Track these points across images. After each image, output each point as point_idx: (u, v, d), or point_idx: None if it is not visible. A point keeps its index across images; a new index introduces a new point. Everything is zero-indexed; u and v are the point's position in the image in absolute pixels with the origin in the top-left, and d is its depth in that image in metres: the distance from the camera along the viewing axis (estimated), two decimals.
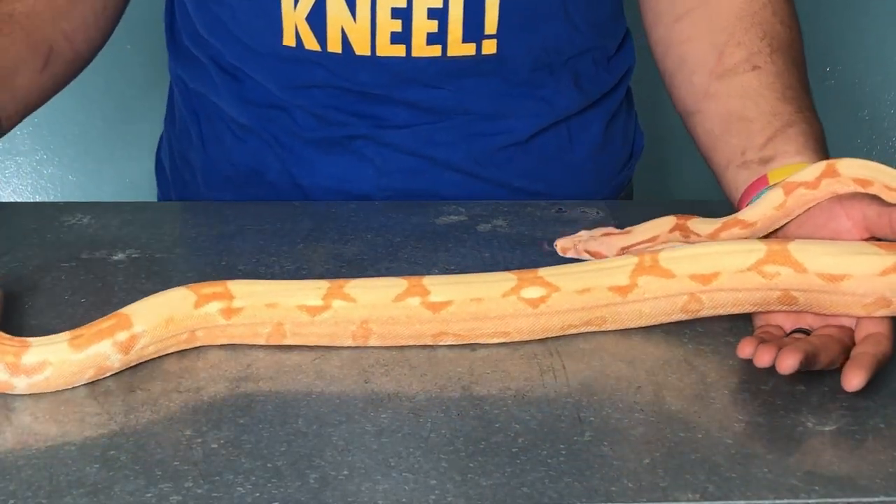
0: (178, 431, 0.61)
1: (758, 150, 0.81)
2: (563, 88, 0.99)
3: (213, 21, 0.98)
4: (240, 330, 0.70)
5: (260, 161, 1.00)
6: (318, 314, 0.69)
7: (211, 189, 1.04)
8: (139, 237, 0.87)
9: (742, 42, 0.87)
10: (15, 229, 0.88)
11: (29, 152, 1.73)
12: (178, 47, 1.04)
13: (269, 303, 0.70)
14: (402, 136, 0.97)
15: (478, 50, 0.94)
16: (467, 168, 0.99)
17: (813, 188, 0.75)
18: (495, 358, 0.69)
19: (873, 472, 0.59)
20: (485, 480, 0.57)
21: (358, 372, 0.68)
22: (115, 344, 0.66)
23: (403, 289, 0.70)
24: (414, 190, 0.99)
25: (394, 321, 0.70)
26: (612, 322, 0.72)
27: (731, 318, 0.74)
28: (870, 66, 1.77)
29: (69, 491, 0.56)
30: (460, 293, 0.70)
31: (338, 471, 0.58)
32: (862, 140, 1.78)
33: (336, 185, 0.99)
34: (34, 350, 0.65)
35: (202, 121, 1.03)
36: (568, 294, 0.70)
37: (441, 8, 0.91)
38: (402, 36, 0.92)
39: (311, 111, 0.97)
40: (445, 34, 0.92)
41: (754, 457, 0.60)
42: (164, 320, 0.68)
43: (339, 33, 0.92)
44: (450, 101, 0.96)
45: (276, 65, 0.96)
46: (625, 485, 0.57)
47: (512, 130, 0.99)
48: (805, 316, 0.72)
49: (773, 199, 0.76)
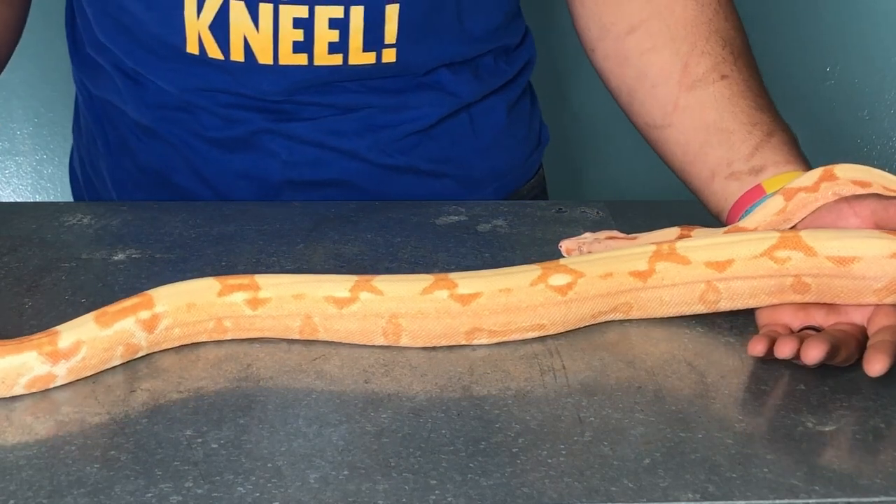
0: (178, 431, 0.61)
1: (745, 161, 0.81)
2: (463, 81, 1.00)
3: (115, 28, 0.97)
4: (269, 322, 0.70)
5: (167, 163, 1.00)
6: (345, 306, 0.70)
7: (121, 194, 1.04)
8: (139, 237, 0.87)
9: (705, 51, 0.86)
10: (15, 229, 0.88)
11: (29, 152, 1.73)
12: (81, 54, 1.04)
13: (296, 294, 0.70)
14: (305, 128, 0.97)
15: (378, 59, 0.94)
16: (373, 157, 0.99)
17: (813, 191, 0.75)
18: (495, 358, 0.69)
19: (873, 472, 0.59)
20: (485, 480, 0.57)
21: (358, 372, 0.68)
22: (139, 321, 0.68)
23: (430, 282, 0.70)
24: (322, 181, 0.99)
25: (423, 315, 0.69)
26: (637, 309, 0.73)
27: (731, 318, 0.74)
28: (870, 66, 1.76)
29: (69, 491, 0.56)
30: (488, 285, 0.70)
31: (338, 471, 0.58)
32: (862, 140, 1.77)
33: (244, 182, 0.99)
34: (65, 334, 0.66)
35: (107, 127, 1.03)
36: (592, 279, 0.71)
37: (342, 18, 0.92)
38: (304, 45, 0.92)
39: (212, 112, 0.97)
40: (346, 44, 0.93)
41: (754, 457, 0.60)
42: (186, 304, 0.69)
43: (242, 42, 0.92)
44: (352, 99, 0.97)
45: (178, 70, 0.96)
46: (625, 485, 0.57)
47: (415, 119, 1.00)
48: (813, 314, 0.72)
49: (773, 206, 0.77)
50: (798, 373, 0.68)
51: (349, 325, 0.70)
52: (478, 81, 1.01)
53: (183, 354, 0.69)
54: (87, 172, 1.08)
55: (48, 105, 1.72)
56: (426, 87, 0.99)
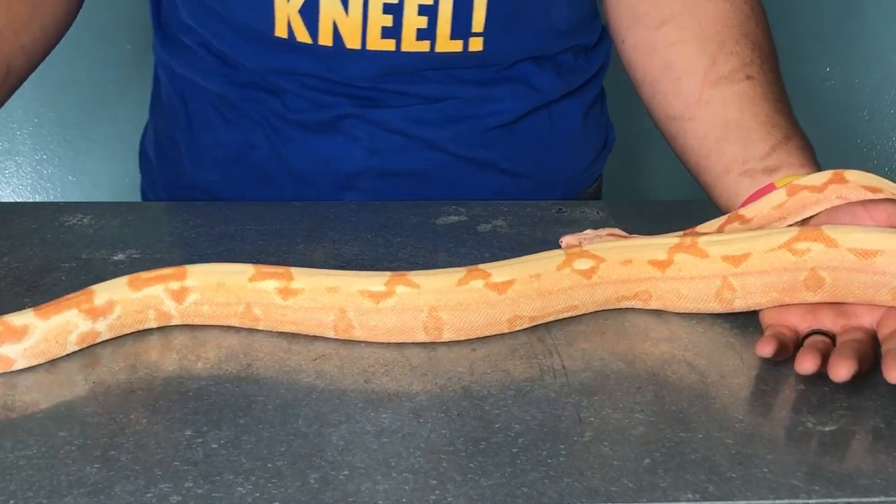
0: (178, 431, 0.61)
1: (760, 160, 0.81)
2: (546, 76, 1.01)
3: (202, 10, 0.98)
4: (301, 315, 0.70)
5: (248, 142, 1.01)
6: (381, 300, 0.69)
7: (197, 170, 1.04)
8: (139, 237, 0.87)
9: (734, 51, 0.87)
10: (15, 229, 0.88)
11: (29, 152, 1.73)
12: (165, 34, 1.05)
13: (330, 287, 0.70)
14: (391, 115, 0.98)
15: (465, 47, 0.95)
16: (454, 149, 1.00)
17: (818, 192, 0.75)
18: (495, 358, 0.69)
19: (873, 472, 0.59)
20: (485, 481, 0.57)
21: (358, 372, 0.68)
22: (168, 290, 0.71)
23: (464, 274, 0.70)
24: (401, 171, 1.00)
25: (463, 307, 0.69)
26: (656, 299, 0.74)
27: (731, 318, 0.74)
28: (870, 66, 1.76)
29: (69, 491, 0.56)
30: (519, 272, 0.71)
31: (338, 471, 0.58)
32: (862, 140, 1.77)
33: (324, 167, 0.99)
34: (99, 293, 0.69)
35: (189, 104, 1.04)
36: (613, 264, 0.73)
37: (431, 5, 0.93)
38: (392, 31, 0.93)
39: (299, 94, 0.98)
40: (434, 30, 0.94)
41: (754, 457, 0.60)
42: (216, 283, 0.71)
43: (331, 26, 0.93)
44: (437, 88, 0.98)
45: (265, 52, 0.96)
46: (625, 485, 0.57)
47: (499, 113, 1.00)
48: (822, 317, 0.71)
49: (773, 199, 0.77)
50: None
51: (387, 321, 0.69)
52: (559, 78, 1.02)
53: (183, 355, 0.69)
54: (161, 148, 1.09)
55: (48, 105, 1.72)
56: (510, 79, 1.00)
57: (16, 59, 0.93)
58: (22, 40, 0.93)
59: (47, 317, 0.68)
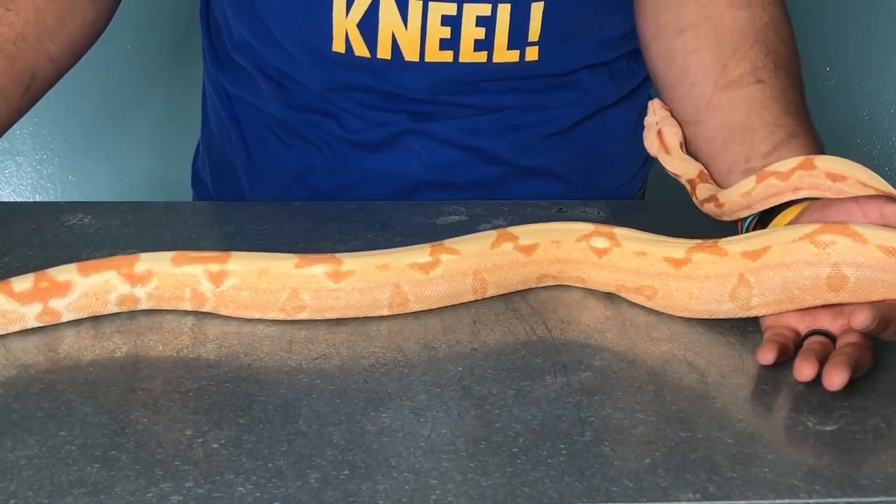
0: (178, 431, 0.61)
1: (762, 158, 0.81)
2: (600, 82, 1.02)
3: (257, 26, 0.98)
4: (354, 297, 0.72)
5: (306, 164, 1.01)
6: (430, 270, 0.73)
7: (256, 192, 1.05)
8: (139, 237, 0.87)
9: (747, 56, 0.87)
10: (15, 229, 0.88)
11: (29, 152, 1.73)
12: (219, 55, 1.05)
13: (380, 264, 0.72)
14: (446, 127, 0.98)
15: (521, 57, 0.96)
16: (512, 158, 1.01)
17: (783, 179, 0.76)
18: (495, 358, 0.69)
19: (874, 472, 0.59)
20: (485, 480, 0.57)
21: (358, 372, 0.68)
22: (207, 272, 0.72)
23: (494, 238, 0.75)
24: (459, 182, 1.00)
25: (499, 268, 0.75)
26: (662, 297, 0.73)
27: (733, 319, 0.74)
28: (870, 66, 1.76)
29: (70, 491, 0.56)
30: (543, 237, 0.76)
31: (338, 471, 0.58)
32: (862, 140, 1.77)
33: (382, 184, 1.00)
34: (142, 261, 0.72)
35: (245, 125, 1.04)
36: (626, 253, 0.74)
37: (489, 16, 0.93)
38: (450, 42, 0.94)
39: (356, 113, 0.98)
40: (492, 41, 0.94)
41: (755, 457, 0.60)
42: (259, 269, 0.72)
43: (390, 39, 0.93)
44: (494, 99, 0.98)
45: (322, 68, 0.97)
46: (625, 485, 0.57)
47: (554, 120, 1.01)
48: (820, 318, 0.71)
49: (743, 185, 0.78)
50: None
51: (439, 289, 0.73)
52: (613, 82, 1.03)
53: (183, 354, 0.69)
54: (217, 170, 1.09)
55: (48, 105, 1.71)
56: (566, 86, 1.00)
57: (42, 67, 0.92)
58: (48, 48, 0.92)
59: (88, 274, 0.71)
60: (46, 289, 0.71)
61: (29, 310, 0.71)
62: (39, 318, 0.71)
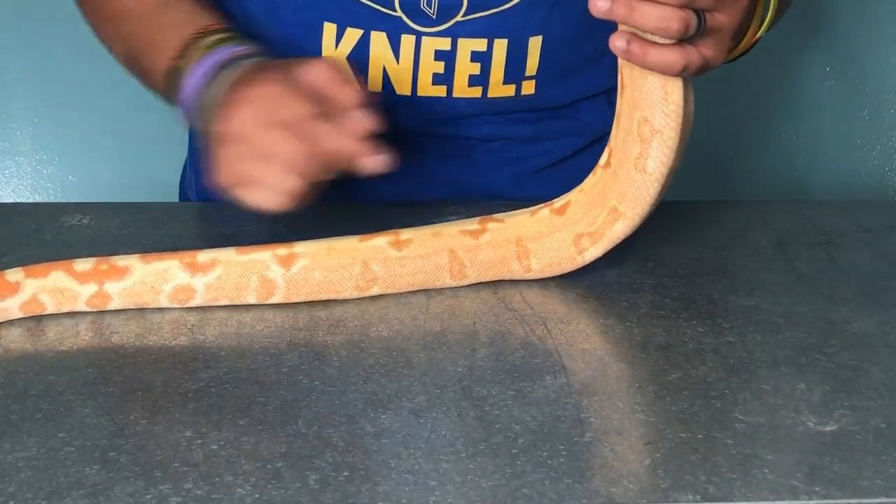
0: (177, 433, 0.61)
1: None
2: (598, 110, 1.00)
3: None
4: (418, 263, 0.75)
5: None
6: (479, 236, 0.76)
7: None
8: (139, 238, 0.86)
9: None
10: (15, 229, 0.88)
11: (29, 152, 1.73)
12: None
13: (434, 232, 0.76)
14: (441, 163, 0.97)
15: (517, 91, 0.94)
16: (508, 192, 0.99)
17: None
18: (495, 358, 0.69)
19: (874, 473, 0.58)
20: (485, 482, 0.57)
21: (358, 373, 0.68)
22: (275, 256, 0.73)
23: (533, 209, 0.78)
24: None
25: (540, 235, 0.77)
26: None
27: (731, 318, 0.74)
28: (870, 66, 1.76)
29: (69, 492, 0.56)
30: (577, 197, 0.78)
31: (338, 472, 0.58)
32: (862, 140, 1.77)
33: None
34: (205, 252, 0.73)
35: None
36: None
37: (485, 52, 0.91)
38: (443, 77, 0.92)
39: None
40: (487, 76, 0.92)
41: (755, 457, 0.60)
42: (327, 248, 0.74)
43: (381, 73, 0.92)
44: (487, 131, 0.97)
45: None
46: (625, 486, 0.57)
47: (551, 152, 1.00)
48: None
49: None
50: (799, 372, 0.68)
51: (489, 255, 0.76)
52: (610, 108, 1.01)
53: (183, 355, 0.69)
54: (204, 192, 1.06)
55: (48, 105, 1.72)
56: (562, 117, 0.99)
57: None
58: None
59: (149, 262, 0.73)
60: (105, 271, 0.72)
61: (84, 289, 0.72)
62: (90, 301, 0.73)
